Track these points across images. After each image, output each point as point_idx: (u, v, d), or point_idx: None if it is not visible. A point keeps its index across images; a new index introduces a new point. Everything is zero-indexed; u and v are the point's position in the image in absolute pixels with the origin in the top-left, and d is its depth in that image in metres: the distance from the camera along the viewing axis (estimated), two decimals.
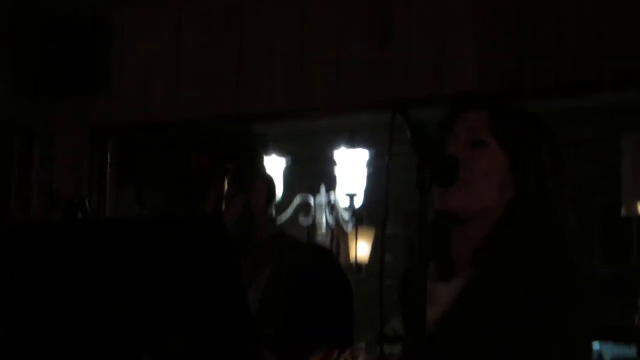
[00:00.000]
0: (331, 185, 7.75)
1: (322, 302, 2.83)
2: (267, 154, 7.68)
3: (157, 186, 2.95)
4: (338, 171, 7.54)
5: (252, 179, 2.98)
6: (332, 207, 7.78)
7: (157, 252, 2.07)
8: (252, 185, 2.98)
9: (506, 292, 2.07)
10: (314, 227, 7.90)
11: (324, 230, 7.89)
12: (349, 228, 7.96)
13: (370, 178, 7.45)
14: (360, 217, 8.40)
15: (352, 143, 7.48)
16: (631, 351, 8.06)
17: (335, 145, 7.63)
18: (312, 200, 7.80)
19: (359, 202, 7.59)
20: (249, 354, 2.17)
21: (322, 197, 7.80)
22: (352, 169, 7.45)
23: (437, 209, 2.20)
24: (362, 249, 8.97)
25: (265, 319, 2.73)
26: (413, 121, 2.02)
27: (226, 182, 2.88)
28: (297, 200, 7.81)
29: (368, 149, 7.50)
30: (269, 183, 3.05)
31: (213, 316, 2.13)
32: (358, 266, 8.97)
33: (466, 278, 2.18)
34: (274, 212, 3.09)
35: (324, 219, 7.83)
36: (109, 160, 5.93)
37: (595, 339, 8.34)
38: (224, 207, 2.89)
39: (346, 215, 7.71)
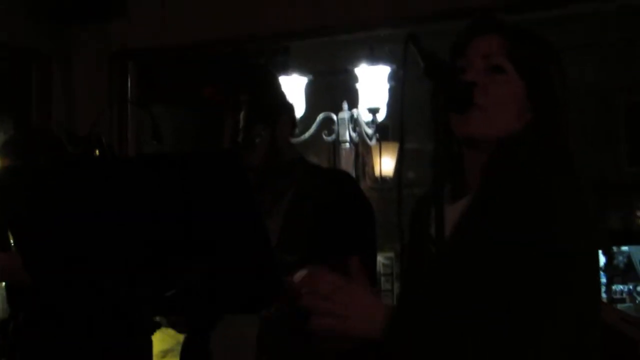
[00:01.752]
0: (354, 100, 7.71)
1: (343, 224, 2.82)
2: (288, 73, 7.65)
3: (174, 113, 2.95)
4: (360, 86, 7.49)
5: (275, 111, 2.97)
6: (355, 123, 7.73)
7: (175, 187, 2.09)
8: (276, 118, 2.97)
9: (510, 206, 2.05)
10: (337, 143, 7.87)
11: (347, 146, 7.86)
12: (373, 143, 7.92)
13: (393, 92, 7.40)
14: (384, 132, 8.38)
15: (373, 58, 7.41)
16: None
17: (356, 60, 7.56)
18: (334, 117, 7.76)
19: (381, 117, 7.54)
20: (268, 282, 2.19)
21: (345, 113, 7.76)
22: (374, 84, 7.39)
23: (455, 133, 2.19)
24: (386, 164, 8.94)
25: (288, 245, 2.73)
26: (425, 50, 2.00)
27: (242, 115, 2.86)
28: (320, 117, 7.77)
29: (389, 64, 7.43)
30: (291, 113, 3.03)
31: (232, 248, 2.14)
32: (383, 180, 8.95)
33: (472, 195, 2.18)
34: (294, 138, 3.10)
35: (347, 134, 7.79)
36: (128, 85, 5.92)
37: (624, 242, 8.36)
38: (242, 139, 2.88)
39: (369, 130, 7.66)
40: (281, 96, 3.09)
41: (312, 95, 7.97)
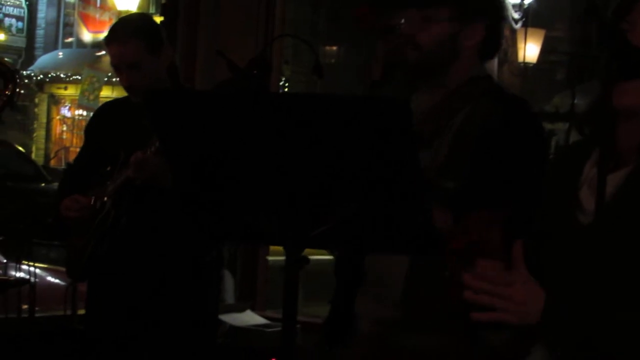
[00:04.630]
0: None
1: (510, 160, 2.67)
2: None
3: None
4: None
5: (470, 17, 2.76)
6: None
7: (336, 126, 2.10)
8: (468, 21, 2.73)
9: None
10: None
11: None
12: (518, 27, 7.73)
13: None
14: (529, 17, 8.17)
15: None
16: None
17: None
18: None
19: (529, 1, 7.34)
20: (420, 229, 2.17)
21: None
22: None
23: (615, 103, 2.09)
24: (530, 50, 8.75)
25: (449, 170, 2.63)
26: (604, 17, 1.90)
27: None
28: None
29: None
30: (490, 28, 2.75)
31: (385, 191, 2.15)
32: (526, 66, 8.77)
33: (632, 167, 2.09)
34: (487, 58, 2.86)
35: None
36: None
37: None
38: (419, 32, 2.73)
39: (516, 15, 7.47)
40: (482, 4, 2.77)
41: None
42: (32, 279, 4.38)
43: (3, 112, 2.65)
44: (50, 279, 5.55)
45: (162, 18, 6.22)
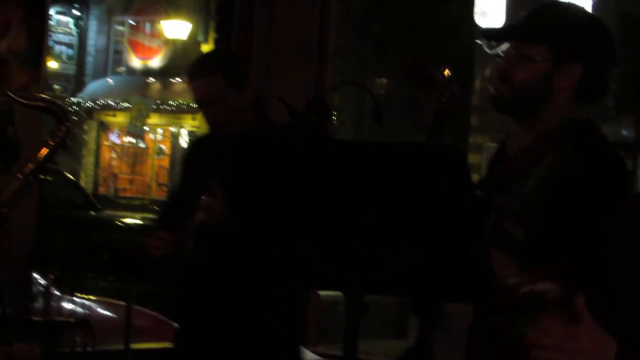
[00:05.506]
0: None
1: (591, 219, 2.48)
2: None
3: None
4: None
5: (567, 57, 2.63)
6: None
7: (394, 174, 2.12)
8: (564, 61, 2.56)
9: None
10: None
11: None
12: None
13: None
14: None
15: None
16: None
17: None
18: None
19: None
20: (481, 277, 2.14)
21: None
22: None
23: None
24: None
25: (523, 218, 2.53)
26: None
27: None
28: None
29: None
30: (589, 70, 2.58)
31: (445, 238, 2.14)
32: None
33: None
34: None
35: None
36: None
37: None
38: (497, 72, 2.66)
39: None
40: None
41: None
42: (85, 312, 4.38)
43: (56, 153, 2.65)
44: (101, 311, 5.57)
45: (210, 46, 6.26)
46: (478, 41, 13.16)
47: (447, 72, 2.68)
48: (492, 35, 2.99)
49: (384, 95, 18.42)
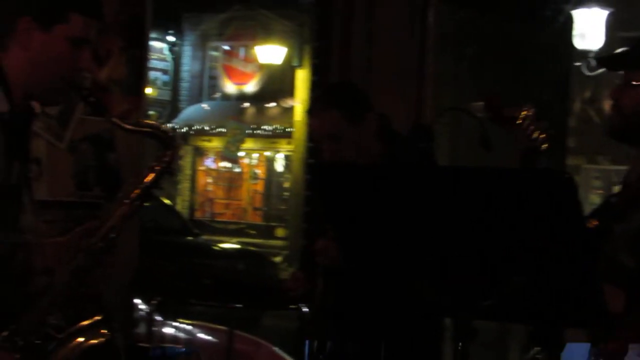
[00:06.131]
0: None
1: None
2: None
3: None
4: None
5: None
6: None
7: (504, 200, 2.11)
8: None
9: None
10: None
11: None
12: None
13: None
14: None
15: None
16: None
17: None
18: None
19: None
20: (591, 305, 2.10)
21: None
22: None
23: None
24: None
25: (635, 247, 2.48)
26: None
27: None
28: None
29: None
30: None
31: (554, 265, 2.13)
32: None
33: None
34: None
35: None
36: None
37: None
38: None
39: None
40: None
41: None
42: (188, 337, 4.38)
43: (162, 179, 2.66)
44: (203, 336, 5.58)
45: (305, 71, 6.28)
46: (576, 63, 12.99)
47: (525, 112, 2.64)
48: (604, 62, 2.97)
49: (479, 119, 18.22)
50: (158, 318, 4.96)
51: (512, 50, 15.83)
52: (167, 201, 17.60)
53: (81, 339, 2.54)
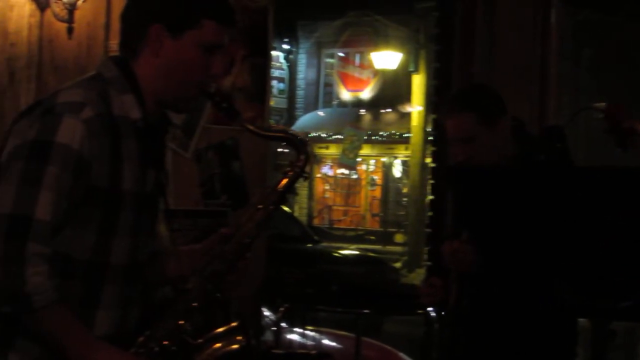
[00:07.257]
0: None
1: None
2: None
3: None
4: None
5: None
6: None
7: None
8: None
9: None
10: None
11: None
12: None
13: None
14: None
15: None
16: None
17: None
18: None
19: None
20: None
21: None
22: None
23: None
24: None
25: None
26: None
27: None
28: None
29: None
30: None
31: None
32: None
33: None
34: None
35: None
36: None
37: None
38: None
39: None
40: None
41: None
42: (315, 344, 4.39)
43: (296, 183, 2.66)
44: (329, 342, 5.59)
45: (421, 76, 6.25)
46: None
47: None
48: None
49: (600, 119, 17.94)
50: (284, 325, 4.98)
51: (630, 51, 15.56)
52: (286, 209, 17.73)
53: (218, 345, 2.55)
